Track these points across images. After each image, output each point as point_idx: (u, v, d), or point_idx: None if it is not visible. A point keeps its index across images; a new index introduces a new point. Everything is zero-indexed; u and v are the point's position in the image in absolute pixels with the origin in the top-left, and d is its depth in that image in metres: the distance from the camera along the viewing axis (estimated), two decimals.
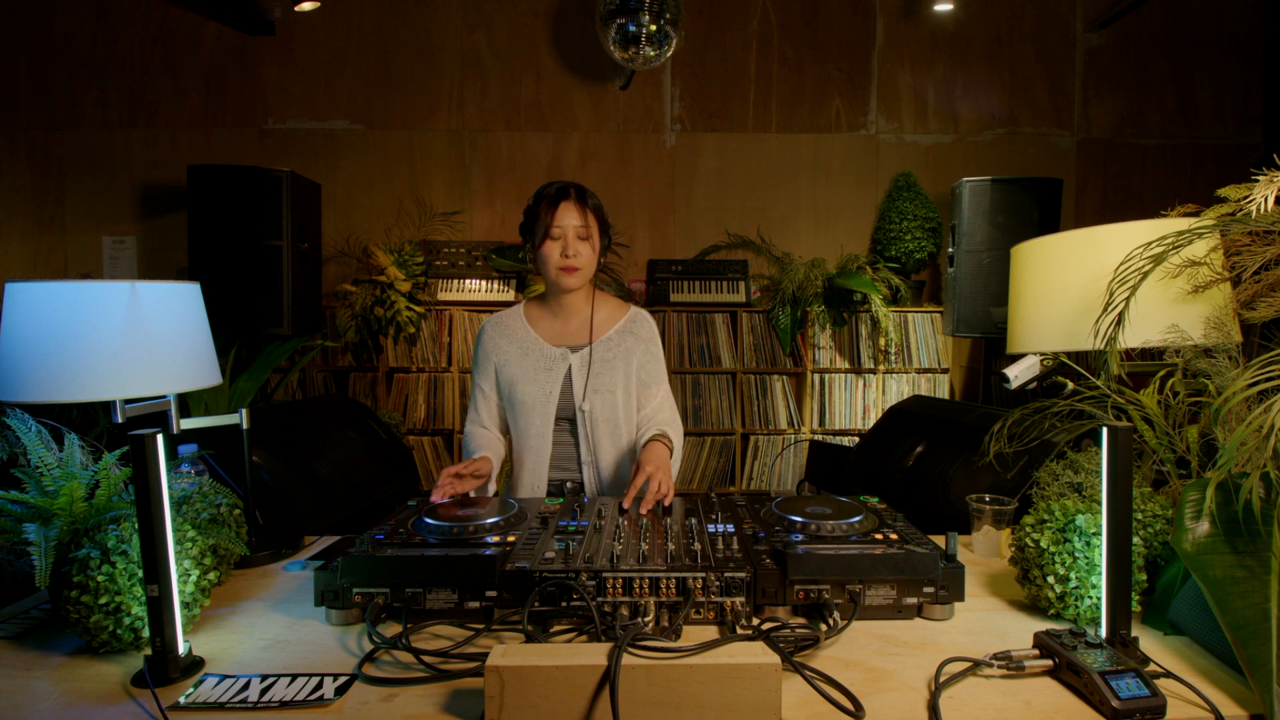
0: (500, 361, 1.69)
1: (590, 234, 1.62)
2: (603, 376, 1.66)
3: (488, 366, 1.71)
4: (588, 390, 1.65)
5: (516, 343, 1.69)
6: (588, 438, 1.66)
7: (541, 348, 1.68)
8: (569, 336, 1.70)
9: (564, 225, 1.60)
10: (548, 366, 1.66)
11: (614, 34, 3.25)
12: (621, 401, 1.68)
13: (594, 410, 1.65)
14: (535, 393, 1.65)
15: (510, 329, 1.71)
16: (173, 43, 3.79)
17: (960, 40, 3.89)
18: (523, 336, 1.70)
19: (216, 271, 3.01)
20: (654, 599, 1.02)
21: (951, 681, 0.90)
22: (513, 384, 1.67)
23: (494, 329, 1.72)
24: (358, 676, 0.92)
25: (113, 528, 1.02)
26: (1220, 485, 0.94)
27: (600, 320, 1.71)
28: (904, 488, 1.97)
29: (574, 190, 1.63)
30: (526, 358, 1.67)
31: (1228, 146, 3.96)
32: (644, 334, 1.73)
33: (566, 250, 1.60)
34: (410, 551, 1.07)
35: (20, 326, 0.89)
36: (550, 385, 1.65)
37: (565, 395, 1.66)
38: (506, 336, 1.70)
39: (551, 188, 1.64)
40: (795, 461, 3.64)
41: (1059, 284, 1.04)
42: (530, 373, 1.66)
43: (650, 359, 1.73)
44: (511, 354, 1.68)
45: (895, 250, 3.71)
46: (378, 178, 3.89)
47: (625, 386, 1.68)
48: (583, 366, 1.66)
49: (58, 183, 3.81)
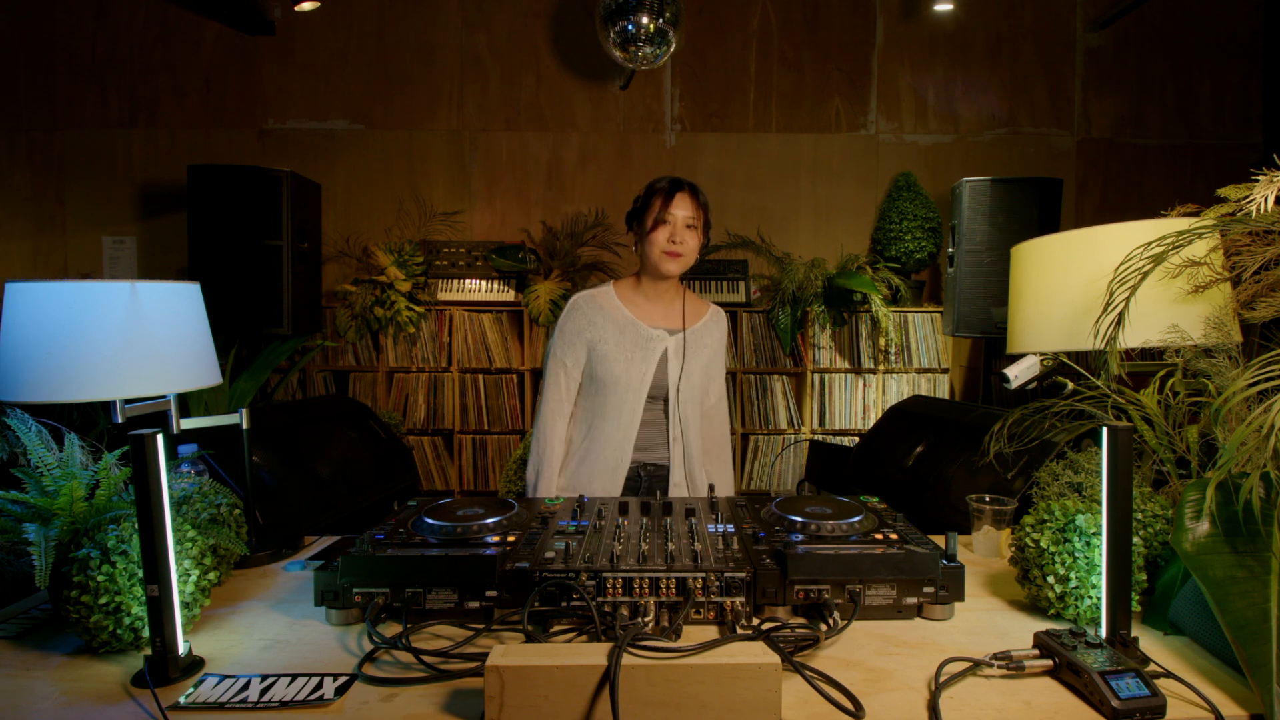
0: (594, 338, 1.73)
1: (697, 226, 1.71)
2: (692, 361, 1.77)
3: (578, 343, 1.74)
4: (684, 371, 1.74)
5: (612, 321, 1.74)
6: (679, 416, 1.75)
7: (638, 327, 1.74)
8: (660, 320, 1.78)
9: (675, 214, 1.68)
10: (644, 345, 1.73)
11: (614, 34, 3.24)
12: (703, 386, 1.81)
13: (685, 391, 1.75)
14: (632, 371, 1.71)
15: (605, 307, 1.76)
16: (173, 43, 3.79)
17: (960, 40, 3.89)
18: (619, 316, 1.75)
19: (216, 271, 3.01)
20: (654, 599, 1.02)
21: (951, 681, 0.90)
22: (607, 361, 1.71)
23: (588, 305, 1.76)
24: (358, 676, 0.92)
25: (113, 528, 1.02)
26: (1220, 485, 0.94)
27: (690, 310, 1.82)
28: (904, 488, 1.97)
29: (688, 185, 1.71)
30: (623, 336, 1.73)
31: (1228, 146, 3.96)
32: (724, 330, 1.88)
33: (675, 236, 1.68)
34: (410, 551, 1.07)
35: (20, 326, 0.89)
36: (646, 365, 1.72)
37: (659, 375, 1.74)
38: (602, 314, 1.75)
39: (664, 180, 1.72)
40: (795, 461, 3.64)
41: (1059, 284, 1.04)
42: (627, 351, 1.72)
43: (723, 354, 1.87)
44: (608, 331, 1.73)
45: (895, 250, 3.71)
46: (378, 178, 3.89)
47: (704, 374, 1.80)
48: (679, 349, 1.76)
49: (58, 183, 3.81)
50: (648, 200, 1.72)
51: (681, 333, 1.77)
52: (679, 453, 1.76)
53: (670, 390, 1.74)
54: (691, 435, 1.78)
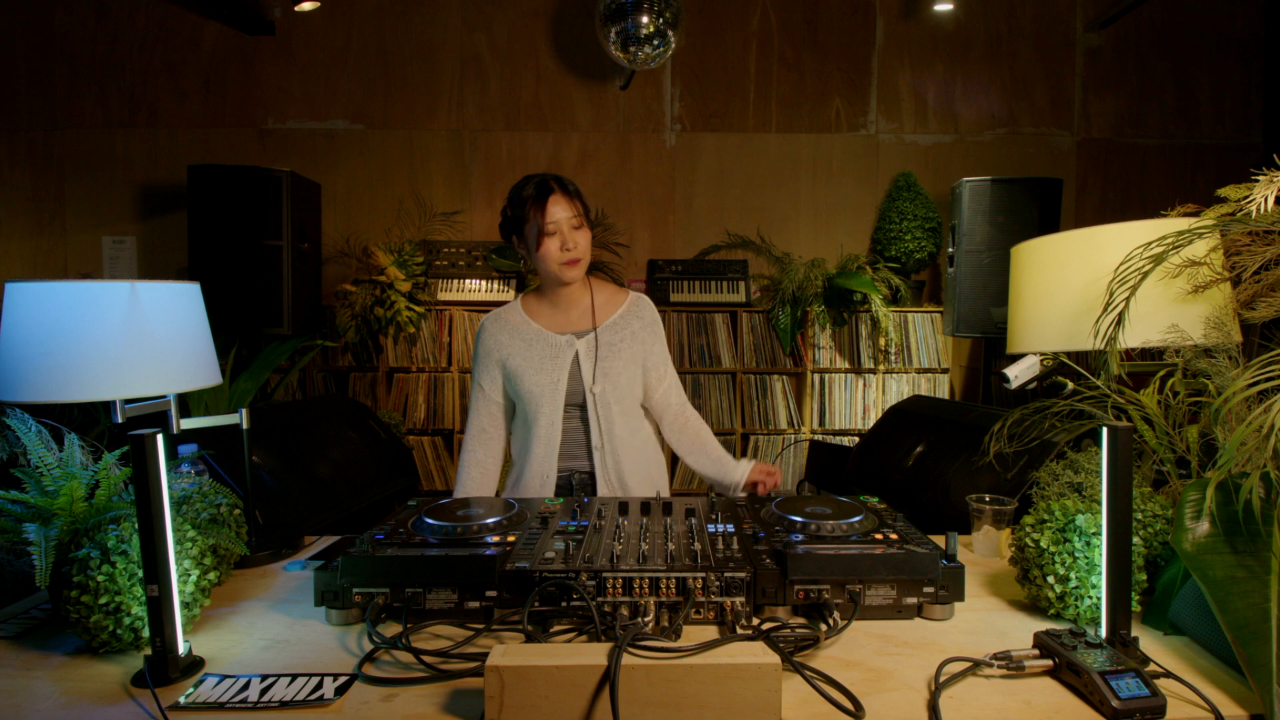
0: (503, 355, 1.68)
1: (582, 222, 1.62)
2: (611, 360, 1.66)
3: (489, 364, 1.70)
4: (597, 373, 1.65)
5: (519, 335, 1.69)
6: (599, 422, 1.66)
7: (545, 337, 1.68)
8: (571, 324, 1.70)
9: (558, 219, 1.59)
10: (553, 355, 1.66)
11: (614, 34, 3.25)
12: (631, 383, 1.68)
13: (605, 393, 1.65)
14: (543, 381, 1.64)
15: (510, 323, 1.71)
16: (173, 43, 3.79)
17: (960, 40, 3.89)
18: (524, 328, 1.69)
19: (216, 271, 3.01)
20: (654, 599, 1.02)
21: (951, 681, 0.90)
22: (519, 376, 1.66)
23: (494, 325, 1.71)
24: (358, 676, 0.92)
25: (113, 528, 1.02)
26: (1220, 485, 0.94)
27: (601, 304, 1.72)
28: (904, 488, 1.97)
29: (555, 182, 1.61)
30: (531, 348, 1.67)
31: (1228, 146, 3.96)
32: (648, 316, 1.74)
33: (566, 244, 1.59)
34: (410, 551, 1.07)
35: (20, 326, 0.89)
36: (557, 372, 1.65)
37: (574, 380, 1.65)
38: (507, 330, 1.70)
39: (530, 185, 1.61)
40: (795, 461, 3.64)
41: (1059, 284, 1.04)
42: (536, 362, 1.65)
43: (655, 341, 1.74)
44: (515, 346, 1.67)
45: (895, 250, 3.71)
46: (378, 178, 3.89)
47: (633, 369, 1.69)
48: (590, 351, 1.66)
49: (58, 183, 3.81)
50: (521, 212, 1.60)
51: (592, 333, 1.68)
52: (602, 461, 1.66)
53: (585, 394, 1.65)
54: (619, 443, 1.66)
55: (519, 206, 1.61)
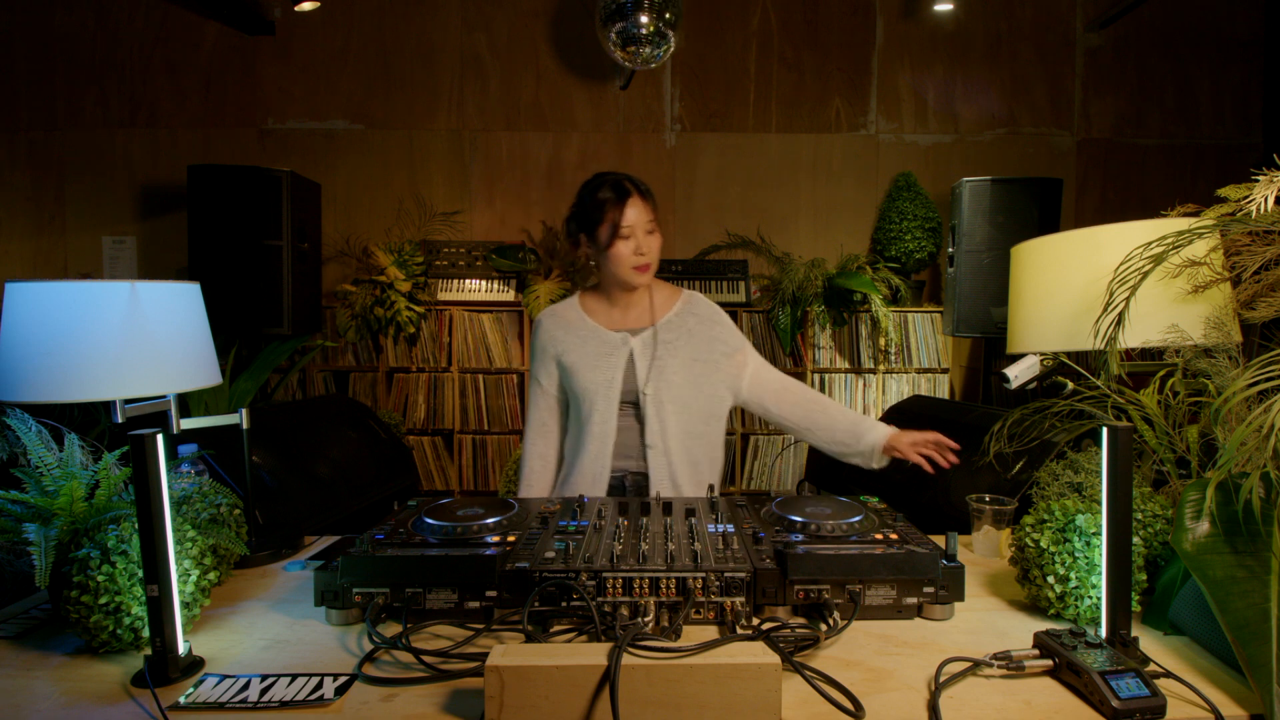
0: (559, 351, 1.68)
1: (655, 227, 1.61)
2: (666, 359, 1.64)
3: (545, 359, 1.71)
4: (651, 372, 1.63)
5: (574, 331, 1.69)
6: (653, 421, 1.63)
7: (600, 334, 1.68)
8: (628, 322, 1.70)
9: (633, 222, 1.57)
10: (608, 352, 1.65)
11: (614, 34, 3.24)
12: (688, 383, 1.64)
13: (659, 392, 1.63)
14: (597, 379, 1.64)
15: (566, 319, 1.71)
16: (173, 43, 3.78)
17: (960, 40, 3.89)
18: (580, 325, 1.70)
19: (216, 271, 3.01)
20: (654, 599, 1.02)
21: (951, 681, 0.90)
22: (574, 372, 1.66)
23: (550, 320, 1.72)
24: (358, 676, 0.92)
25: (113, 528, 1.02)
26: (1220, 485, 0.94)
27: (659, 303, 1.71)
28: (904, 488, 1.97)
29: (632, 184, 1.59)
30: (586, 345, 1.67)
31: (1228, 146, 3.96)
32: (704, 312, 1.72)
33: (640, 248, 1.58)
34: (410, 551, 1.07)
35: (20, 326, 0.89)
36: (612, 371, 1.64)
37: (629, 380, 1.64)
38: (563, 327, 1.70)
39: (606, 186, 1.59)
40: (795, 461, 3.64)
41: (1059, 284, 1.04)
42: (590, 359, 1.65)
43: (721, 330, 1.71)
44: (570, 343, 1.68)
45: (895, 250, 3.71)
46: (378, 178, 3.88)
47: (690, 367, 1.65)
48: (645, 349, 1.65)
49: (58, 183, 3.81)
50: (598, 212, 1.58)
51: (650, 328, 1.67)
52: (657, 460, 1.63)
53: (639, 390, 1.63)
54: (672, 443, 1.63)
55: (595, 207, 1.59)
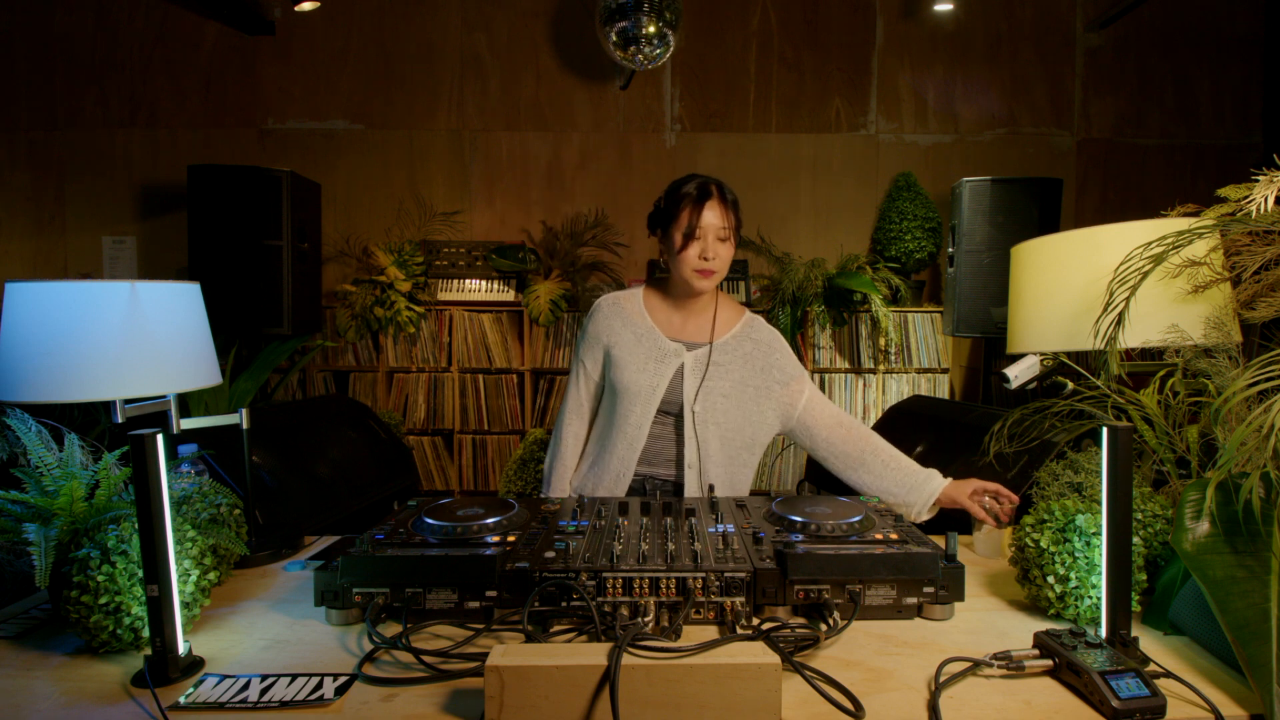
0: (611, 343, 1.66)
1: (729, 235, 1.57)
2: (717, 379, 1.61)
3: (595, 345, 1.68)
4: (701, 390, 1.60)
5: (631, 328, 1.66)
6: (695, 439, 1.60)
7: (656, 338, 1.64)
8: (687, 332, 1.66)
9: (706, 226, 1.54)
10: (660, 358, 1.62)
11: (614, 34, 3.24)
12: (735, 408, 1.61)
13: (705, 412, 1.59)
14: (642, 381, 1.61)
15: (627, 312, 1.68)
16: (173, 43, 3.79)
17: (960, 40, 3.89)
18: (639, 322, 1.67)
19: (216, 271, 3.01)
20: (654, 599, 1.02)
21: (951, 681, 0.90)
22: (621, 367, 1.63)
23: (610, 309, 1.68)
24: (358, 676, 0.92)
25: (113, 528, 1.02)
26: (1220, 485, 0.94)
27: (721, 321, 1.67)
28: None
29: (716, 188, 1.56)
30: (639, 344, 1.64)
31: (1228, 146, 3.96)
32: (763, 337, 1.68)
33: (706, 253, 1.55)
34: (410, 551, 1.07)
35: (20, 326, 0.89)
36: (659, 378, 1.60)
37: (673, 390, 1.61)
38: (622, 319, 1.67)
39: (692, 184, 1.57)
40: (795, 461, 3.64)
41: (1059, 284, 1.04)
42: (640, 360, 1.62)
43: (779, 357, 1.67)
44: (625, 337, 1.65)
45: (895, 250, 3.71)
46: (378, 178, 3.89)
47: (741, 391, 1.62)
48: (697, 365, 1.62)
49: (58, 183, 3.81)
50: (675, 208, 1.57)
51: (706, 346, 1.63)
52: (693, 480, 1.60)
53: (685, 407, 1.60)
54: (713, 465, 1.60)
55: (674, 203, 1.57)
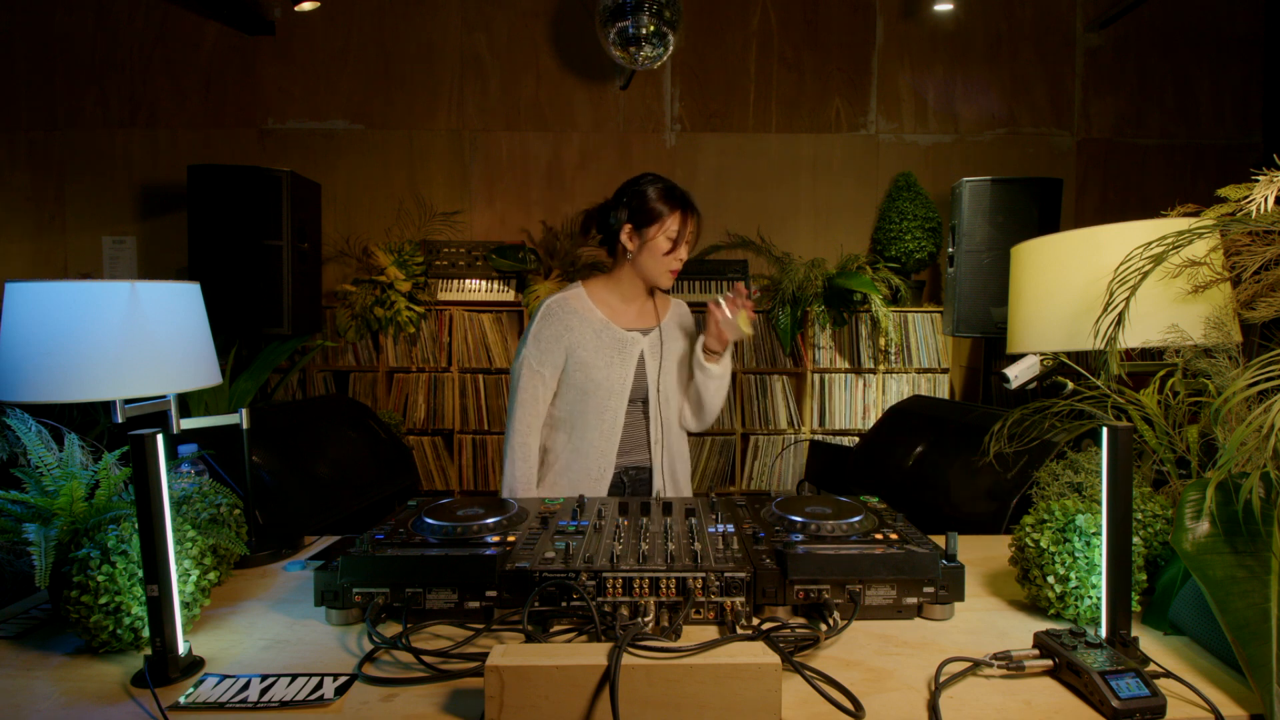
0: (572, 343, 1.68)
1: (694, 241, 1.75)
2: (668, 359, 1.76)
3: (554, 349, 1.67)
4: (662, 370, 1.73)
5: (588, 324, 1.70)
6: (658, 417, 1.73)
7: (612, 330, 1.71)
8: (633, 320, 1.76)
9: (684, 232, 1.68)
10: (620, 349, 1.70)
11: (614, 34, 3.24)
12: (680, 381, 1.81)
13: (665, 389, 1.74)
14: (613, 376, 1.68)
15: (579, 310, 1.71)
16: (173, 43, 3.79)
17: (960, 40, 3.89)
18: (593, 319, 1.71)
19: (216, 271, 3.01)
20: (654, 599, 1.02)
21: (951, 681, 0.90)
22: (586, 366, 1.67)
23: (562, 309, 1.69)
24: (358, 676, 0.92)
25: (113, 528, 1.02)
26: (1220, 485, 0.94)
27: (659, 306, 1.82)
28: (904, 488, 1.97)
29: (691, 200, 1.72)
30: (599, 339, 1.69)
31: (1228, 146, 3.96)
32: (686, 314, 1.88)
33: (679, 255, 1.69)
34: (410, 551, 1.07)
35: (20, 326, 0.89)
36: (625, 368, 1.70)
37: (639, 378, 1.72)
38: (577, 317, 1.70)
39: (671, 189, 1.69)
40: (795, 461, 3.64)
41: (1059, 284, 1.04)
42: (606, 356, 1.68)
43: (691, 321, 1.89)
44: (584, 335, 1.68)
45: (895, 250, 3.71)
46: (378, 178, 3.89)
47: (682, 365, 1.80)
48: (654, 349, 1.74)
49: (58, 183, 3.81)
50: (656, 210, 1.66)
51: (656, 329, 1.76)
52: (660, 455, 1.74)
53: (650, 391, 1.72)
54: (672, 437, 1.77)
55: (655, 204, 1.67)
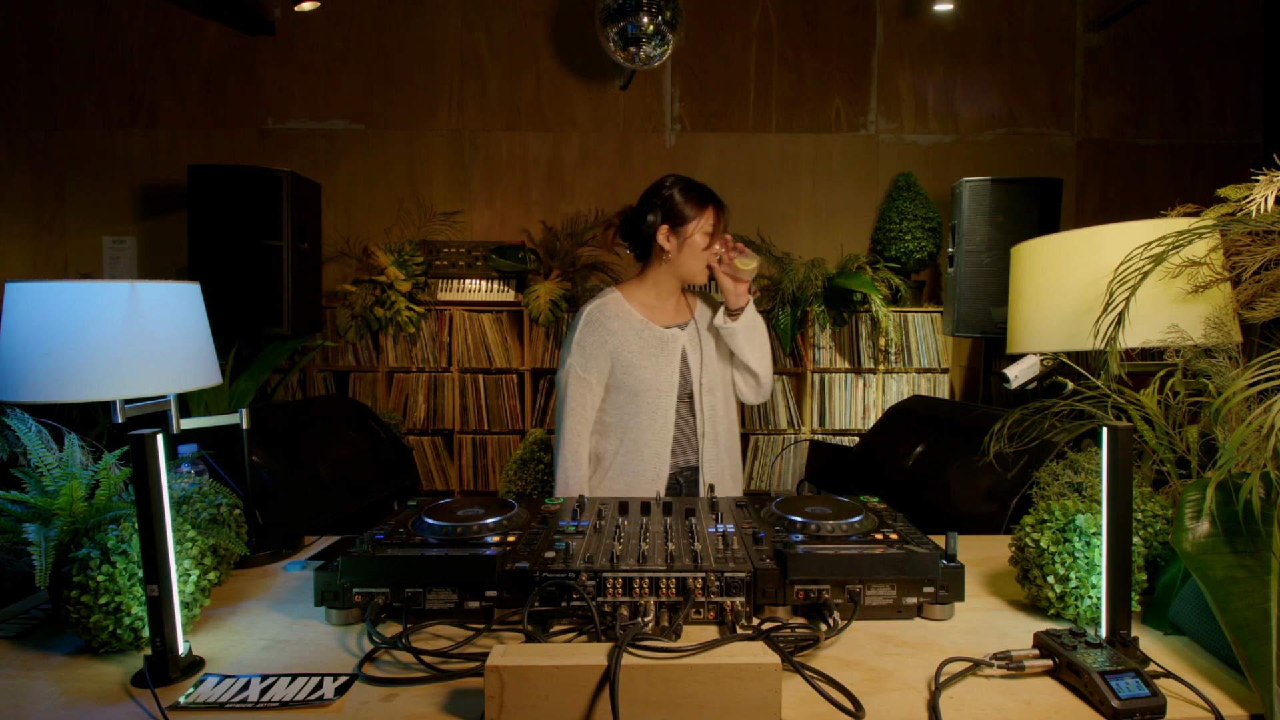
0: (617, 348, 1.69)
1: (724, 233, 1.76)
2: (708, 351, 1.76)
3: (599, 355, 1.68)
4: (703, 365, 1.73)
5: (630, 327, 1.71)
6: (708, 411, 1.73)
7: (652, 329, 1.72)
8: (670, 317, 1.77)
9: (719, 226, 1.70)
10: (662, 347, 1.71)
11: (614, 34, 3.24)
12: (724, 371, 1.79)
13: (710, 383, 1.74)
14: (659, 376, 1.68)
15: (620, 315, 1.72)
16: (173, 43, 3.78)
17: (960, 40, 3.89)
18: (634, 321, 1.72)
19: (216, 271, 3.01)
20: (654, 599, 1.02)
21: (951, 681, 0.90)
22: (633, 368, 1.68)
23: (603, 314, 1.71)
24: (358, 676, 0.92)
25: (113, 528, 1.02)
26: (1220, 485, 0.94)
27: (689, 301, 1.83)
28: (904, 488, 1.97)
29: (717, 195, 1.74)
30: (641, 340, 1.70)
31: (1228, 146, 3.96)
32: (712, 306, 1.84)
33: (715, 249, 1.70)
34: (410, 551, 1.07)
35: (20, 326, 0.89)
36: (670, 367, 1.71)
37: (684, 375, 1.73)
38: (619, 320, 1.71)
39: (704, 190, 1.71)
40: (795, 461, 3.63)
41: (1059, 284, 1.04)
42: (650, 357, 1.69)
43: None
44: (627, 338, 1.70)
45: (895, 250, 3.71)
46: (378, 178, 3.88)
47: (721, 356, 1.79)
48: (693, 344, 1.74)
49: (58, 183, 3.81)
50: (693, 209, 1.68)
51: (691, 323, 1.76)
52: (709, 450, 1.74)
53: (694, 386, 1.72)
54: (721, 429, 1.76)
55: (691, 205, 1.69)
